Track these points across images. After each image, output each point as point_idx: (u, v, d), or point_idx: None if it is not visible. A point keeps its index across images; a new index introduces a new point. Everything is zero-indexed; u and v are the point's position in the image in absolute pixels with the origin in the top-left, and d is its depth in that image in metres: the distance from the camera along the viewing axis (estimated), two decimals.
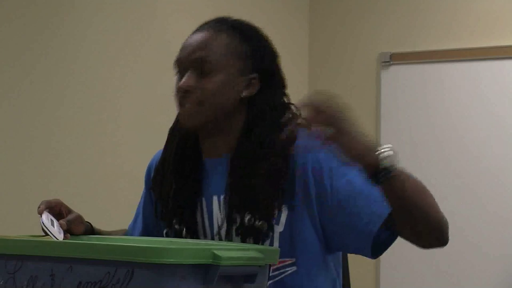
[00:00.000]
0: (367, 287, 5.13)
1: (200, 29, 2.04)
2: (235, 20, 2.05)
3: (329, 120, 1.69)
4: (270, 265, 1.83)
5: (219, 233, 1.99)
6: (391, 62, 5.23)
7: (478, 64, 5.03)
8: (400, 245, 2.00)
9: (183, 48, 2.00)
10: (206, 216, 2.02)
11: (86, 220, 2.08)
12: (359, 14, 5.36)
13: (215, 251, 1.53)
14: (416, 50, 5.18)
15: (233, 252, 1.62)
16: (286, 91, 2.06)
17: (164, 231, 2.06)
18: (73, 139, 3.80)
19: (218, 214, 2.00)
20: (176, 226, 2.03)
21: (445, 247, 2.00)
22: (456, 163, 5.03)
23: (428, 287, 5.05)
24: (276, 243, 1.95)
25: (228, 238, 1.96)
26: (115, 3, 4.03)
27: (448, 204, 5.08)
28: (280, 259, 1.93)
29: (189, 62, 1.97)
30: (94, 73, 3.91)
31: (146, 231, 2.20)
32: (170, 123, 2.09)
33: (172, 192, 2.03)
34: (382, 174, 1.77)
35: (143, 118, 4.14)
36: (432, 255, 5.22)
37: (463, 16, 5.10)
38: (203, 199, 2.02)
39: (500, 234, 4.91)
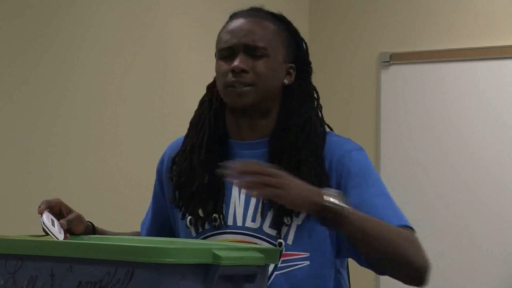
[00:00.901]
0: (367, 287, 5.13)
1: (241, 16, 2.08)
2: (271, 11, 2.12)
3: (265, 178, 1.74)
4: (269, 265, 1.83)
5: (237, 215, 2.01)
6: (391, 62, 5.23)
7: (478, 64, 5.02)
8: None
9: (232, 33, 2.03)
10: (224, 199, 2.03)
11: (86, 219, 2.08)
12: (359, 14, 5.36)
13: (215, 251, 1.54)
14: (416, 50, 5.18)
15: (233, 252, 1.62)
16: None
17: (188, 218, 2.05)
18: (73, 139, 3.80)
19: (236, 198, 2.01)
20: (202, 214, 2.03)
21: (446, 246, 2.03)
22: (456, 162, 5.03)
23: (428, 287, 5.05)
24: (291, 236, 1.96)
25: (254, 220, 1.98)
26: (115, 3, 4.03)
27: (448, 203, 5.11)
28: (294, 252, 1.95)
29: (241, 46, 2.01)
30: (94, 72, 3.91)
31: (156, 223, 2.20)
32: (170, 122, 2.11)
33: (205, 180, 2.02)
34: (330, 216, 1.79)
35: (143, 118, 4.13)
36: (432, 254, 5.22)
37: (463, 16, 5.10)
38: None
39: (501, 233, 4.91)
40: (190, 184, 2.04)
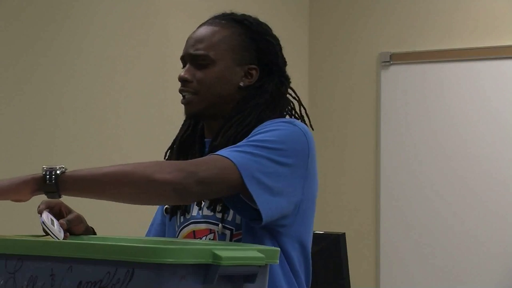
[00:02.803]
0: (367, 287, 5.13)
1: (204, 23, 2.16)
2: (240, 15, 2.17)
3: None
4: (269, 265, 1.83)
5: (201, 208, 2.08)
6: (391, 62, 5.23)
7: (478, 64, 5.03)
8: (401, 244, 2.01)
9: (186, 43, 2.14)
10: None
11: (87, 222, 2.09)
12: (359, 14, 5.37)
13: (215, 251, 1.54)
14: (416, 50, 5.18)
15: (233, 252, 1.62)
16: (285, 81, 2.19)
17: (164, 207, 2.17)
18: (74, 139, 3.80)
19: None
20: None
21: (446, 246, 2.01)
22: (456, 162, 5.04)
23: (428, 286, 5.06)
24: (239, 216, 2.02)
25: (199, 207, 2.06)
26: (116, 3, 4.03)
27: (448, 203, 5.12)
28: (239, 231, 2.01)
29: (188, 56, 2.11)
30: (95, 72, 3.91)
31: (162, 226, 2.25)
32: (170, 121, 2.13)
33: None
34: (48, 186, 1.91)
35: (145, 118, 4.14)
36: (432, 254, 5.23)
37: (463, 16, 5.10)
38: None
39: (501, 233, 4.91)
40: None
